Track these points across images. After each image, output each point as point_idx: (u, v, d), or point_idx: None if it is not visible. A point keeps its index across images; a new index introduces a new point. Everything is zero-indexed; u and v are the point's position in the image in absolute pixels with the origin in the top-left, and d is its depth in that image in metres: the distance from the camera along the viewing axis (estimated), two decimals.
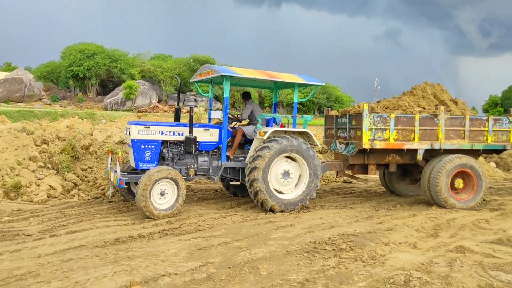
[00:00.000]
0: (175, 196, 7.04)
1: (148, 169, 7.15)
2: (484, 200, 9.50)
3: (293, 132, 8.03)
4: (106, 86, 54.57)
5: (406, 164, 9.11)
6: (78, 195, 8.58)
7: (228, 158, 7.94)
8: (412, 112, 8.77)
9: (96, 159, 9.54)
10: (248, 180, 7.51)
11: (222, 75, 7.46)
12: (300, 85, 8.45)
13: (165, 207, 6.95)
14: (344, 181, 11.67)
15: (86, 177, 9.10)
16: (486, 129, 8.72)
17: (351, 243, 5.76)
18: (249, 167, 7.52)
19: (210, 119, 8.84)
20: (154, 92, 50.93)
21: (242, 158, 8.06)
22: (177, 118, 8.25)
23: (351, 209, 8.09)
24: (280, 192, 7.79)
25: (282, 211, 7.61)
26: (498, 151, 9.48)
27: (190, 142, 7.55)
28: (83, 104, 47.19)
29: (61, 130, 10.60)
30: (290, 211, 7.69)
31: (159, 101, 51.11)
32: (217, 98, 62.51)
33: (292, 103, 9.21)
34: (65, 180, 8.78)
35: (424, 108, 9.07)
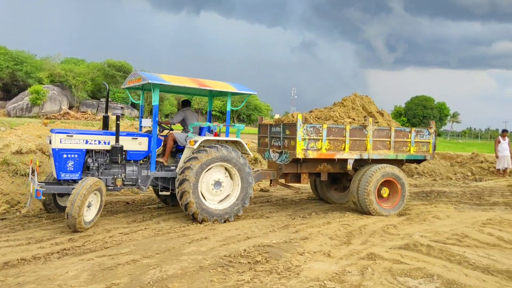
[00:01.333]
0: (97, 209, 6.85)
1: (71, 180, 6.99)
2: None
3: (226, 141, 7.94)
4: (10, 90, 50.09)
5: (335, 173, 9.35)
6: None
7: (161, 165, 7.82)
8: (343, 122, 8.91)
9: None
10: (178, 192, 7.33)
11: (150, 83, 7.24)
12: (233, 93, 8.30)
13: (88, 219, 6.70)
14: (261, 190, 11.65)
15: None
16: (409, 140, 9.18)
17: (266, 254, 5.64)
18: (178, 179, 7.36)
19: (141, 127, 8.62)
20: (64, 97, 47.77)
21: (174, 167, 7.87)
22: (105, 126, 7.89)
23: (267, 219, 8.02)
24: (209, 201, 7.68)
25: (214, 222, 7.50)
26: (419, 161, 9.91)
27: (116, 151, 7.25)
28: None
29: None
30: (225, 221, 7.61)
31: (70, 108, 48.04)
32: (134, 105, 60.41)
33: (212, 110, 9.19)
34: None
35: (354, 119, 9.25)
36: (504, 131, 16.65)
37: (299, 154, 8.18)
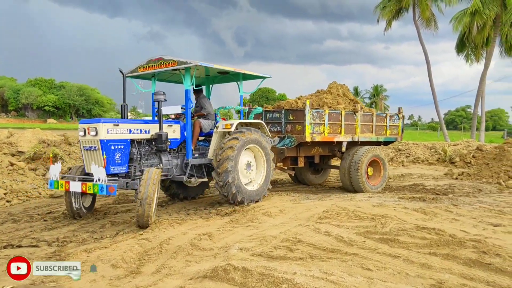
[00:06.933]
0: (155, 202, 6.21)
1: (118, 173, 6.44)
2: (218, 202, 8.16)
3: (251, 124, 8.04)
4: None
5: (310, 157, 9.84)
6: None
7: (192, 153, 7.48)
8: (338, 108, 9.39)
9: None
10: (219, 172, 7.12)
11: (188, 67, 7.01)
12: (244, 77, 8.39)
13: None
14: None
15: None
16: (385, 124, 10.23)
17: None
18: (219, 159, 7.14)
19: (154, 115, 7.99)
20: None
21: (197, 155, 7.70)
22: (123, 115, 6.99)
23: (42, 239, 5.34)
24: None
25: (249, 203, 7.50)
26: (389, 143, 10.98)
27: (161, 139, 6.94)
28: None
29: None
30: (256, 201, 7.67)
31: None
32: None
33: (43, 106, 7.91)
34: None
35: (343, 106, 9.72)
36: None
37: (308, 138, 8.66)
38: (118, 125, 6.44)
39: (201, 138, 8.15)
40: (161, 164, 7.12)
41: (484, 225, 5.88)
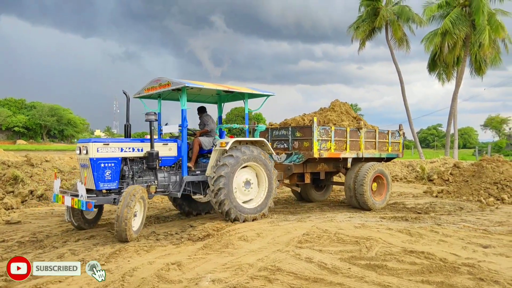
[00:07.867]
0: (141, 218, 6.61)
1: (109, 189, 6.86)
2: (191, 226, 7.61)
3: (252, 142, 8.06)
4: None
5: (315, 173, 9.88)
6: None
7: (189, 169, 7.74)
8: (343, 125, 9.53)
9: None
10: (213, 190, 7.29)
11: (183, 87, 7.25)
12: (250, 96, 8.55)
13: (135, 229, 6.39)
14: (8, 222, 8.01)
15: None
16: (387, 140, 10.35)
17: None
18: (213, 177, 7.30)
19: (160, 134, 8.42)
20: None
21: (199, 172, 7.91)
22: (127, 134, 7.58)
23: None
24: (239, 200, 7.65)
25: (245, 221, 7.52)
26: (391, 159, 11.03)
27: (152, 157, 7.17)
28: None
29: None
30: (253, 220, 7.64)
31: None
32: None
33: (13, 127, 8.50)
34: None
35: (347, 123, 9.83)
36: None
37: (316, 154, 8.80)
38: (108, 144, 6.84)
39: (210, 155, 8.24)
40: (156, 181, 7.35)
41: (473, 247, 5.55)
